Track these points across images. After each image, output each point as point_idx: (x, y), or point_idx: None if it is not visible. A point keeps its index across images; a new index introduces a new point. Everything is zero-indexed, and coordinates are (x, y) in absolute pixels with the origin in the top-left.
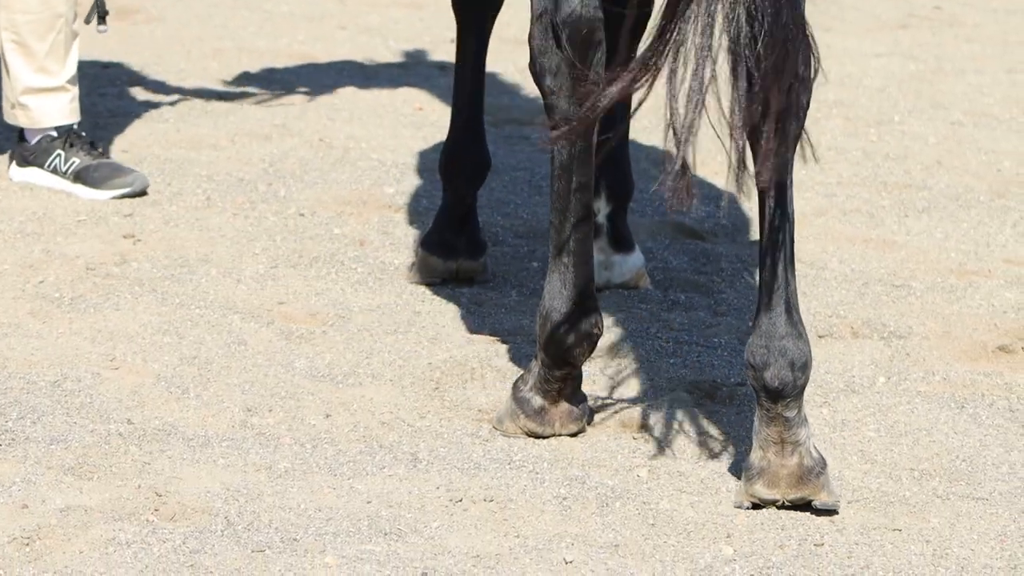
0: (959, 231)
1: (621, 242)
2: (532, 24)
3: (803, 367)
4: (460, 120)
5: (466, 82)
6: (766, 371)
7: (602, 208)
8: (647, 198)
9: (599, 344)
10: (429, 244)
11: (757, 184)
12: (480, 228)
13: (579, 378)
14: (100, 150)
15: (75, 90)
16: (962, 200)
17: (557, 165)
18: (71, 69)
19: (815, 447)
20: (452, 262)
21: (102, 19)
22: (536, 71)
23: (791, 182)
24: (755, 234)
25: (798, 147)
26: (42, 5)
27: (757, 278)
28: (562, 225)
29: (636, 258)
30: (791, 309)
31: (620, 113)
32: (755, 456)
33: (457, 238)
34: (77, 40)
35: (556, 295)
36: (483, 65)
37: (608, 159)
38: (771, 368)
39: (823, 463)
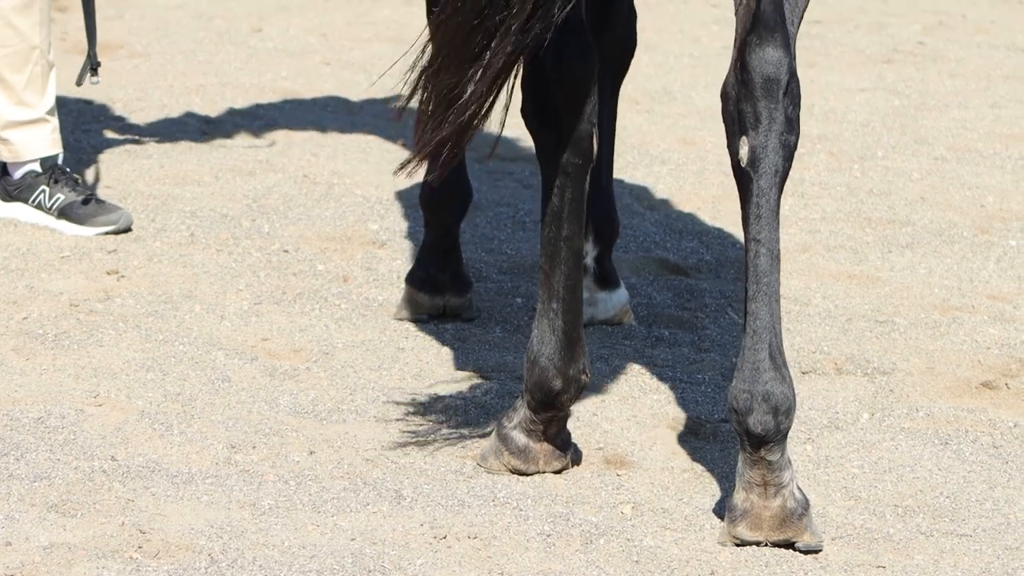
0: (943, 267)
1: (606, 280)
2: (524, 68)
3: (787, 412)
4: None
5: None
6: (749, 417)
7: (590, 251)
8: (631, 234)
9: None
10: (415, 280)
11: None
12: (464, 263)
13: (565, 418)
14: (84, 186)
15: (55, 121)
16: (946, 236)
17: (548, 212)
18: (50, 100)
19: (799, 488)
20: (439, 298)
21: (95, 71)
22: (527, 116)
23: (777, 222)
24: (738, 269)
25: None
26: (17, 37)
27: (742, 315)
28: (552, 271)
29: (620, 295)
30: (775, 352)
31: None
32: (738, 497)
33: (442, 273)
34: (54, 71)
35: (544, 341)
36: None
37: (593, 199)
38: (754, 414)
39: (806, 504)
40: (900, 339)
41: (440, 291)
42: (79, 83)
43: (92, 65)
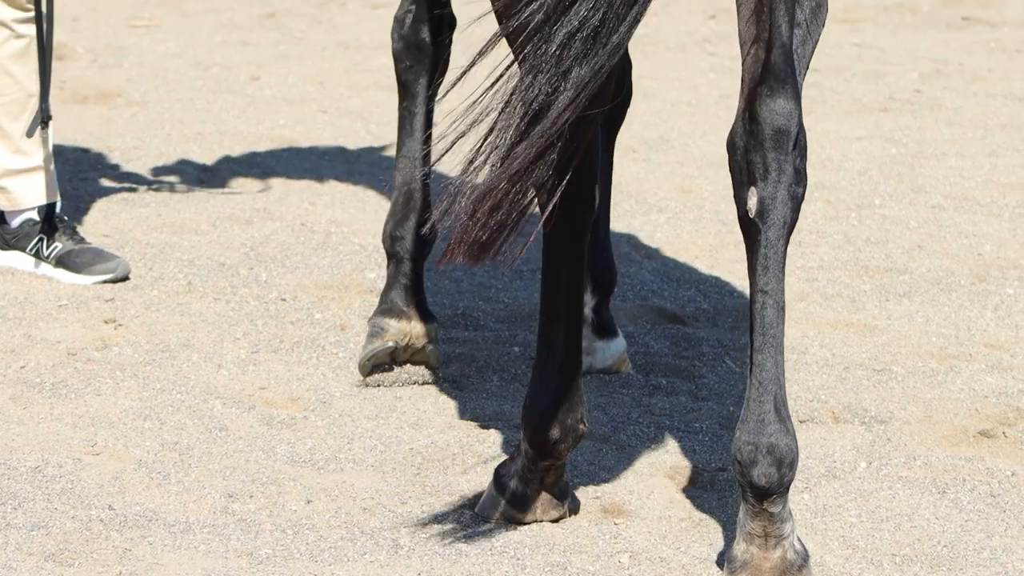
0: (940, 315)
1: (604, 329)
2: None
3: (791, 464)
4: (405, 190)
5: (411, 150)
6: (753, 469)
7: (588, 300)
8: (628, 283)
9: None
10: (380, 310)
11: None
12: (426, 300)
13: (562, 467)
14: (82, 235)
15: (52, 169)
16: (943, 284)
17: (549, 263)
18: (47, 148)
19: (799, 539)
20: (406, 324)
21: (45, 124)
22: None
23: (783, 273)
24: (736, 318)
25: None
26: (14, 86)
27: (740, 364)
28: (551, 321)
29: (618, 343)
30: (780, 404)
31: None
32: (738, 548)
33: (407, 305)
34: (51, 119)
35: (543, 391)
36: (430, 131)
37: (591, 249)
38: (759, 466)
39: (806, 556)
40: (897, 388)
41: (407, 318)
42: (29, 135)
43: (43, 118)
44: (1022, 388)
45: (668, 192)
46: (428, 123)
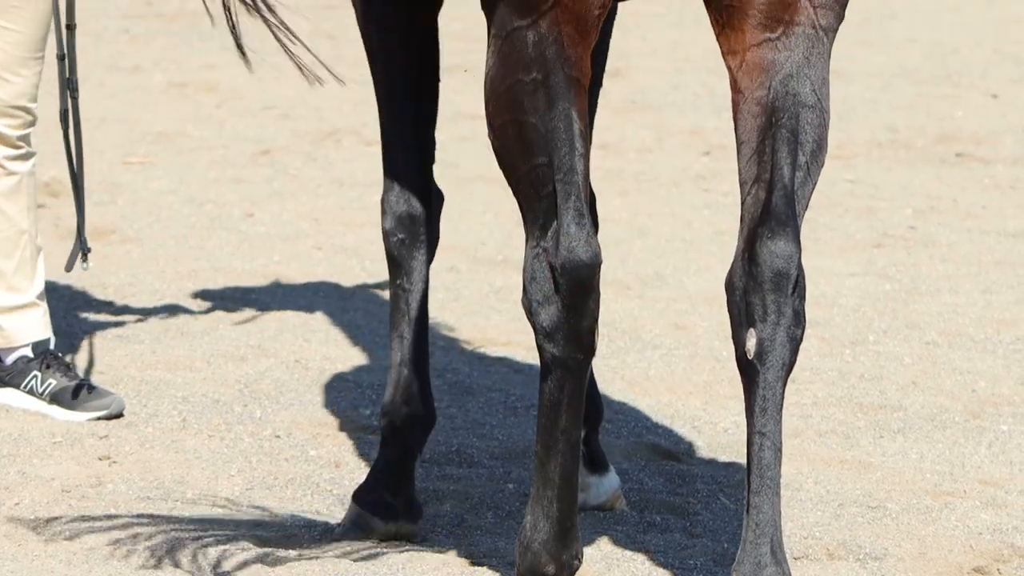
0: (934, 452)
1: (596, 463)
2: (527, 258)
3: None
4: (404, 371)
5: (406, 328)
6: None
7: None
8: (622, 419)
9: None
10: (366, 503)
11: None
12: (415, 488)
13: None
14: (76, 371)
15: (45, 305)
16: (937, 421)
17: (546, 402)
18: (39, 285)
19: None
20: (392, 524)
21: (85, 256)
22: (528, 307)
23: (781, 415)
24: (730, 455)
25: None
26: (6, 223)
27: (735, 501)
28: (547, 459)
29: (611, 480)
30: (776, 547)
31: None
32: None
33: (396, 499)
34: (42, 255)
35: (538, 527)
36: (426, 309)
37: None
38: None
39: None
40: (892, 524)
41: (393, 516)
42: (68, 268)
43: (83, 250)
44: (1016, 525)
45: (662, 329)
46: (423, 301)
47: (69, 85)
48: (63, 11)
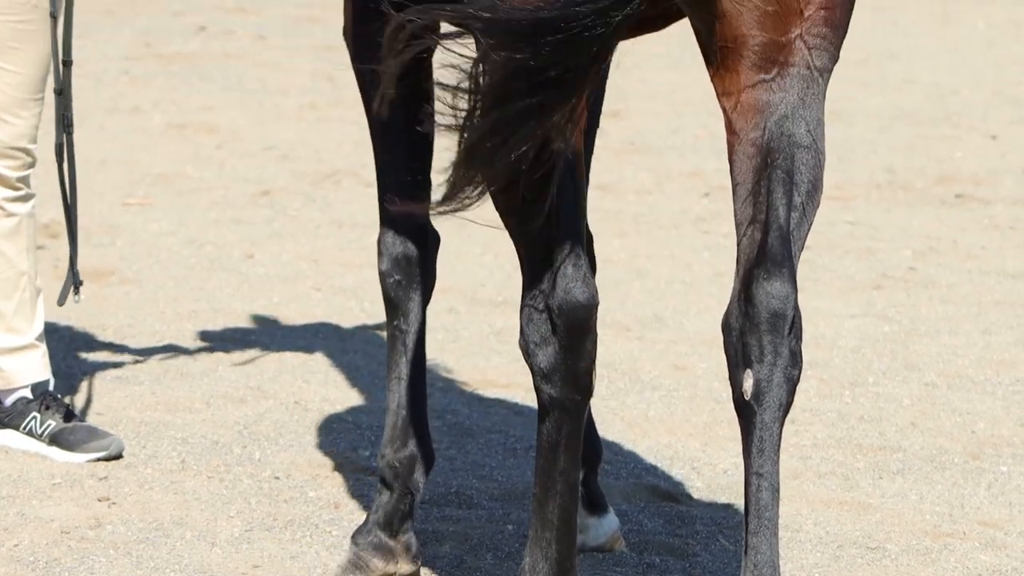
0: (934, 493)
1: (595, 505)
2: (524, 300)
3: None
4: (402, 413)
5: (404, 369)
6: None
7: None
8: (621, 461)
9: None
10: (365, 545)
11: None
12: (414, 529)
13: None
14: (75, 413)
15: (44, 347)
16: (936, 462)
17: (544, 444)
18: (39, 326)
19: None
20: (391, 565)
21: (77, 289)
22: (525, 349)
23: (778, 455)
24: (730, 496)
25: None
26: (5, 265)
27: (734, 542)
28: (546, 501)
29: (610, 521)
30: None
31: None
32: None
33: (395, 540)
34: (42, 296)
35: (537, 568)
36: (423, 350)
37: None
38: None
39: None
40: (891, 566)
41: (393, 558)
42: (61, 302)
43: (75, 283)
44: (1016, 566)
45: (662, 370)
46: (421, 342)
47: (64, 120)
48: (60, 47)
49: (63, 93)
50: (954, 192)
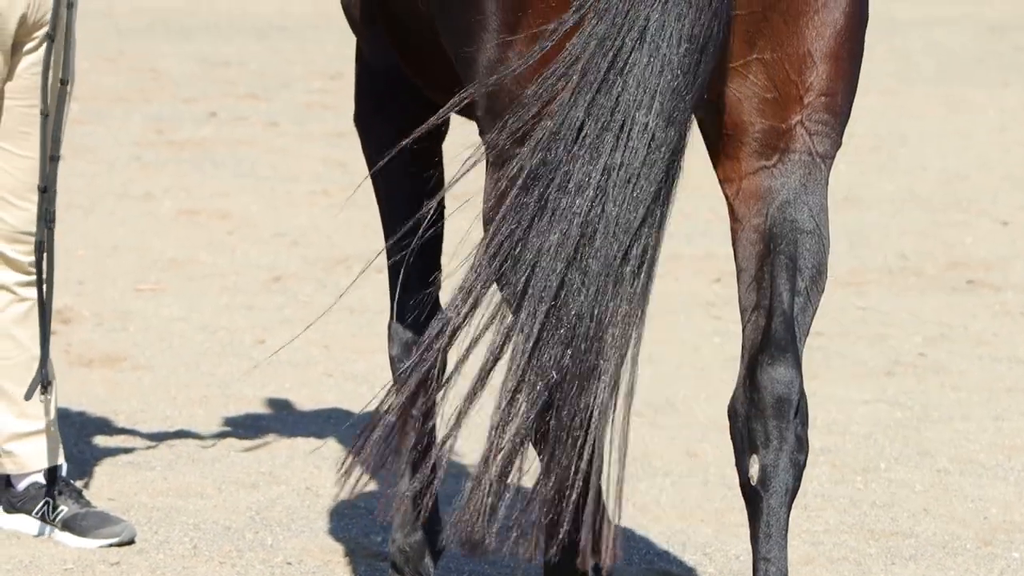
0: None
1: None
2: None
3: None
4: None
5: (415, 455)
6: None
7: None
8: (634, 547)
9: None
10: None
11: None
12: None
13: None
14: (88, 498)
15: (57, 432)
16: (949, 548)
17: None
18: (52, 411)
19: None
20: None
21: (44, 388)
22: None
23: (786, 540)
24: None
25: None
26: (18, 349)
27: None
28: None
29: None
30: None
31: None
32: None
33: None
34: (55, 381)
35: None
36: (435, 436)
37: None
38: None
39: None
40: None
41: None
42: (27, 397)
43: (42, 381)
44: None
45: (673, 456)
46: (432, 428)
47: (47, 216)
48: (48, 142)
49: (47, 191)
50: (965, 278)
